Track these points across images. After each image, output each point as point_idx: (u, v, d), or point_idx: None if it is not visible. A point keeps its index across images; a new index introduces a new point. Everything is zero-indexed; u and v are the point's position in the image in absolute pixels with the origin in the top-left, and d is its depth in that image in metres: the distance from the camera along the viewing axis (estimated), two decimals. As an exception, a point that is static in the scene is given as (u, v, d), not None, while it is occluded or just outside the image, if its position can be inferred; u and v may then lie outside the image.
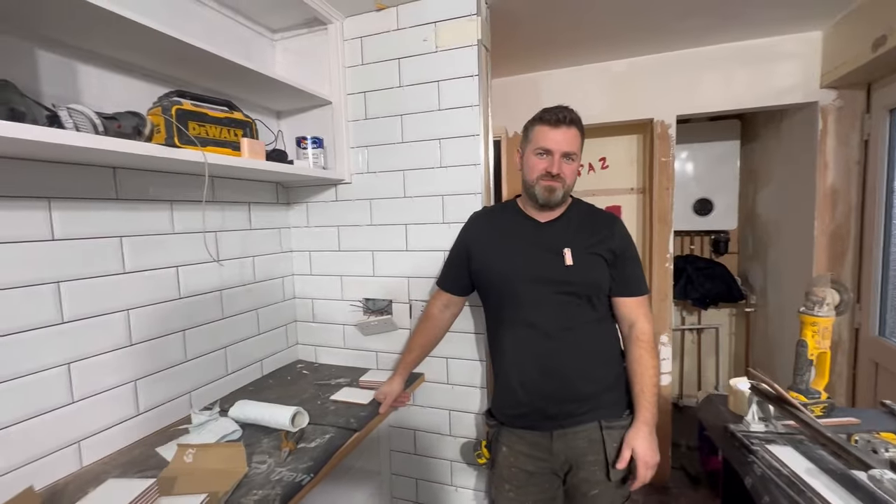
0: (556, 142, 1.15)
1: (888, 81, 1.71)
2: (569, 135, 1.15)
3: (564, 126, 1.14)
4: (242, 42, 1.51)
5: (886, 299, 1.78)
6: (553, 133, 1.15)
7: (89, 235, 1.06)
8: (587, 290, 1.17)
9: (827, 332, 1.17)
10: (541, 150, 1.16)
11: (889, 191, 1.74)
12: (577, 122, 1.17)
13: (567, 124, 1.14)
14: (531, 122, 1.21)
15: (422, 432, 1.66)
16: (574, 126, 1.16)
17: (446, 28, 1.45)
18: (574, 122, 1.16)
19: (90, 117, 0.90)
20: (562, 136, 1.14)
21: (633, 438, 1.13)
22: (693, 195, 2.86)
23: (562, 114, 1.15)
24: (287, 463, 1.03)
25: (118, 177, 1.12)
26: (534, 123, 1.19)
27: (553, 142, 1.15)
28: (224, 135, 1.18)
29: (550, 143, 1.15)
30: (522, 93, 2.39)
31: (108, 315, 1.10)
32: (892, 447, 0.91)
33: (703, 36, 1.95)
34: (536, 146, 1.17)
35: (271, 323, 1.66)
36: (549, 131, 1.15)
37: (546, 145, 1.15)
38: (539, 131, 1.17)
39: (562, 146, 1.15)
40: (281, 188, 1.70)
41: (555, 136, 1.15)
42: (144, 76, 1.19)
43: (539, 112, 1.19)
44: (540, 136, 1.16)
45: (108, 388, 1.10)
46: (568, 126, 1.15)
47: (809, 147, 2.02)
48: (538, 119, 1.18)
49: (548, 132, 1.15)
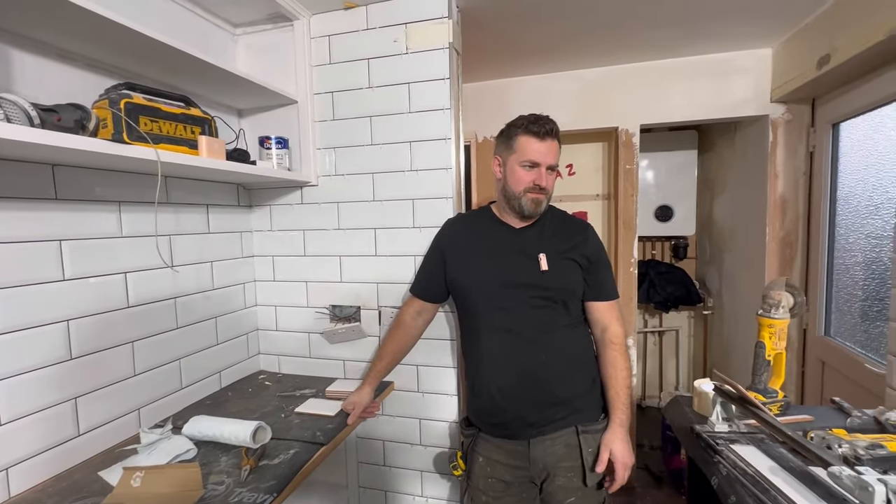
0: (544, 154, 1.15)
1: (831, 97, 1.83)
2: (553, 146, 1.16)
3: (550, 138, 1.15)
4: (201, 35, 1.43)
5: (831, 301, 1.90)
6: (540, 145, 1.14)
7: (22, 239, 0.96)
8: (563, 295, 1.17)
9: (783, 333, 1.22)
10: (528, 163, 1.16)
11: (832, 200, 1.86)
12: (558, 133, 1.18)
13: (552, 136, 1.15)
14: (513, 130, 1.18)
15: (391, 442, 1.61)
16: (557, 137, 1.17)
17: (417, 30, 1.43)
18: (557, 134, 1.17)
19: (24, 108, 0.82)
20: (548, 149, 1.15)
21: (610, 441, 1.13)
22: (654, 202, 2.97)
23: (548, 125, 1.15)
24: (248, 483, 0.96)
25: (57, 174, 1.02)
26: (517, 133, 1.17)
27: (541, 154, 1.15)
28: (180, 132, 1.10)
29: (538, 155, 1.15)
30: (492, 98, 2.40)
31: (45, 326, 1.00)
32: (845, 443, 0.95)
33: (667, 48, 2.03)
34: (523, 158, 1.16)
35: (231, 332, 1.57)
36: (537, 143, 1.14)
37: (534, 158, 1.15)
38: (525, 142, 1.15)
39: (548, 159, 1.15)
40: (242, 190, 1.62)
41: (542, 149, 1.15)
42: (89, 66, 1.10)
43: (521, 120, 1.17)
44: (527, 147, 1.15)
45: (42, 408, 1.00)
46: (553, 138, 1.16)
47: (761, 158, 2.14)
48: (523, 129, 1.16)
49: (535, 144, 1.14)
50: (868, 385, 1.55)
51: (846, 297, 1.80)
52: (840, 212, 1.83)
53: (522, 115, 1.19)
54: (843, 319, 1.82)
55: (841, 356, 1.76)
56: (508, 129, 1.21)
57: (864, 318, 1.69)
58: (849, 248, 1.78)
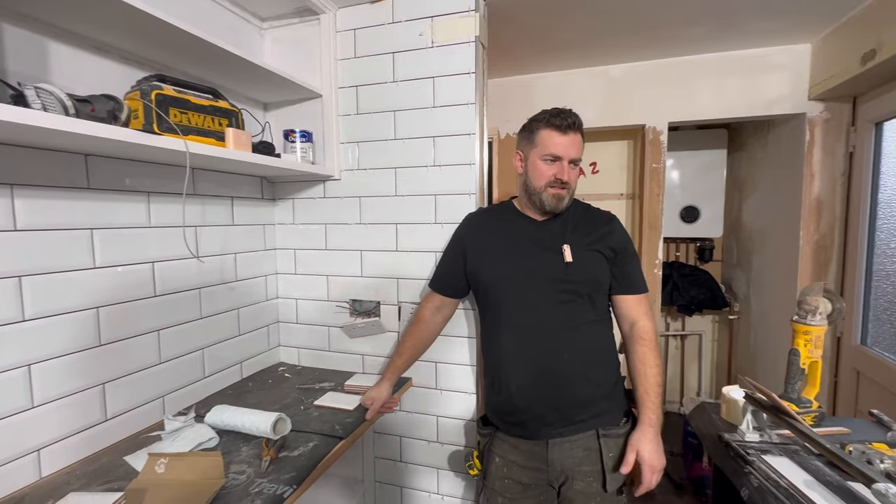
0: (566, 147, 1.12)
1: (874, 95, 1.75)
2: (576, 140, 1.13)
3: (573, 132, 1.12)
4: (229, 29, 1.44)
5: (869, 309, 1.81)
6: (562, 139, 1.12)
7: (56, 227, 0.98)
8: (588, 288, 1.14)
9: (819, 340, 1.17)
10: (549, 157, 1.13)
11: (873, 203, 1.78)
12: (581, 127, 1.16)
13: (575, 130, 1.13)
14: (535, 124, 1.16)
15: (408, 439, 1.61)
16: (580, 131, 1.15)
17: (443, 23, 1.41)
18: (580, 127, 1.15)
19: (60, 98, 0.83)
20: (570, 142, 1.12)
21: (638, 441, 1.08)
22: (680, 202, 2.89)
23: (570, 118, 1.12)
24: (268, 473, 0.96)
25: (90, 164, 1.04)
26: (539, 126, 1.15)
27: (563, 148, 1.12)
28: (208, 124, 1.11)
29: (560, 149, 1.12)
30: (516, 95, 2.37)
31: (75, 313, 1.02)
32: (887, 458, 0.90)
33: (698, 44, 1.97)
34: (545, 152, 1.14)
35: (253, 323, 1.59)
36: (559, 137, 1.12)
37: (556, 151, 1.12)
38: (547, 136, 1.13)
39: (570, 152, 1.13)
40: (266, 183, 1.64)
41: (564, 142, 1.12)
42: (123, 59, 1.11)
43: (543, 114, 1.15)
44: (548, 141, 1.13)
45: (72, 392, 1.02)
46: (575, 132, 1.13)
47: (796, 158, 2.05)
48: (545, 122, 1.14)
49: (557, 138, 1.12)
50: (909, 398, 1.48)
51: (886, 304, 1.72)
52: (881, 215, 1.75)
53: (545, 109, 1.17)
54: (883, 328, 1.74)
55: (879, 366, 1.68)
56: (530, 124, 1.19)
57: (905, 327, 1.61)
58: (890, 253, 1.69)
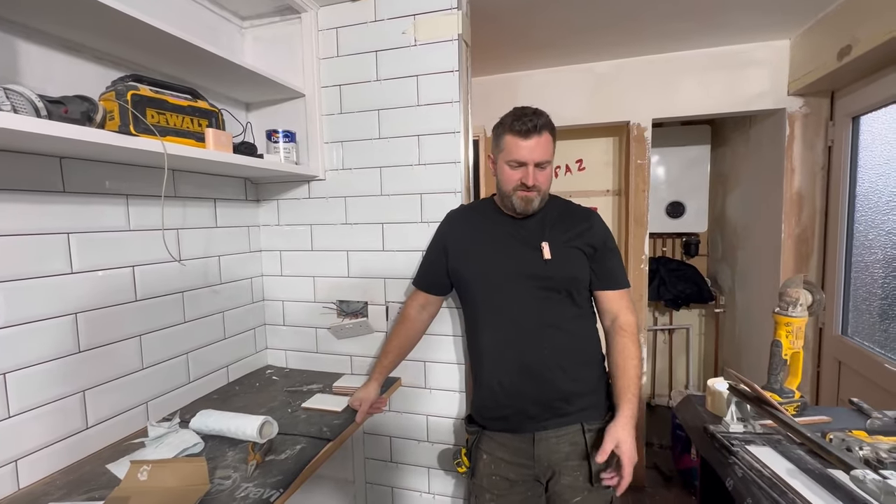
0: (530, 151, 1.10)
1: (851, 90, 1.78)
2: (541, 142, 1.10)
3: (535, 135, 1.09)
4: (208, 27, 1.42)
5: (848, 300, 1.85)
6: (525, 143, 1.09)
7: (30, 231, 0.96)
8: (567, 285, 1.14)
9: (800, 332, 1.19)
10: (514, 162, 1.12)
11: (852, 196, 1.81)
12: (548, 125, 1.12)
13: (538, 132, 1.09)
14: (500, 128, 1.15)
15: (398, 439, 1.60)
16: (545, 131, 1.10)
17: (426, 21, 1.41)
18: (544, 127, 1.10)
19: (31, 99, 0.81)
20: (534, 146, 1.09)
21: (618, 433, 1.04)
22: (665, 198, 2.92)
23: (531, 122, 1.08)
24: (254, 477, 0.95)
25: (65, 167, 1.02)
26: (503, 131, 1.13)
27: (526, 152, 1.10)
28: (186, 124, 1.09)
29: (524, 154, 1.10)
30: (501, 93, 2.37)
31: (53, 319, 1.00)
32: (867, 445, 0.92)
33: (681, 40, 1.99)
34: (509, 157, 1.12)
35: (238, 327, 1.57)
36: (522, 142, 1.10)
37: (519, 157, 1.11)
38: (510, 141, 1.11)
39: (535, 156, 1.10)
40: (250, 184, 1.62)
41: (528, 146, 1.10)
42: (96, 59, 1.09)
43: (508, 117, 1.13)
44: (512, 147, 1.11)
45: (51, 400, 1.00)
46: (539, 134, 1.09)
47: (777, 152, 2.09)
48: (508, 127, 1.12)
49: (519, 143, 1.10)
50: (888, 386, 1.51)
51: (865, 295, 1.76)
52: (859, 208, 1.78)
53: (512, 108, 1.15)
54: (862, 318, 1.78)
55: (859, 356, 1.72)
56: (497, 128, 1.17)
57: (883, 317, 1.65)
58: (868, 245, 1.73)
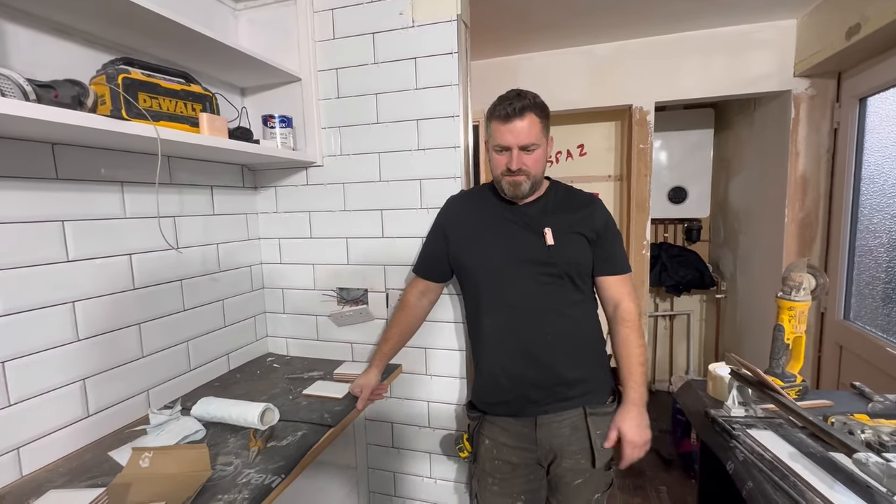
0: (513, 135, 1.08)
1: (858, 70, 1.74)
2: (523, 125, 1.08)
3: (517, 118, 1.07)
4: (201, 10, 1.38)
5: (851, 284, 1.84)
6: (507, 127, 1.08)
7: (23, 219, 0.94)
8: (569, 270, 1.14)
9: (803, 316, 1.18)
10: (498, 147, 1.12)
11: (857, 179, 1.79)
12: (533, 107, 1.09)
13: (519, 115, 1.07)
14: (488, 114, 1.14)
15: (399, 425, 1.61)
16: (528, 112, 1.08)
17: (423, 2, 1.37)
18: (527, 109, 1.08)
19: (19, 83, 0.79)
20: (517, 129, 1.08)
21: (620, 419, 1.12)
22: (667, 183, 2.89)
23: (511, 106, 1.07)
24: (256, 464, 0.96)
25: (57, 154, 1.00)
26: (489, 118, 1.13)
27: (509, 136, 1.09)
28: (180, 109, 1.07)
29: (507, 138, 1.09)
30: (501, 76, 2.33)
31: (51, 308, 0.99)
32: (868, 428, 0.92)
33: (683, 21, 1.94)
34: (494, 143, 1.12)
35: (239, 314, 1.56)
36: (503, 126, 1.09)
37: (502, 142, 1.10)
38: (494, 127, 1.11)
39: (519, 139, 1.08)
40: (247, 171, 1.60)
41: (510, 130, 1.08)
42: (87, 41, 1.06)
43: (493, 104, 1.12)
44: (495, 132, 1.11)
45: (51, 389, 1.00)
46: (521, 116, 1.07)
47: (782, 135, 2.06)
48: (491, 113, 1.12)
49: (501, 128, 1.09)
50: (890, 370, 1.51)
51: (868, 279, 1.74)
52: (864, 191, 1.76)
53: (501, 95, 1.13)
54: (864, 303, 1.77)
55: (861, 340, 1.72)
56: (487, 114, 1.16)
57: (886, 301, 1.64)
58: (873, 228, 1.71)
